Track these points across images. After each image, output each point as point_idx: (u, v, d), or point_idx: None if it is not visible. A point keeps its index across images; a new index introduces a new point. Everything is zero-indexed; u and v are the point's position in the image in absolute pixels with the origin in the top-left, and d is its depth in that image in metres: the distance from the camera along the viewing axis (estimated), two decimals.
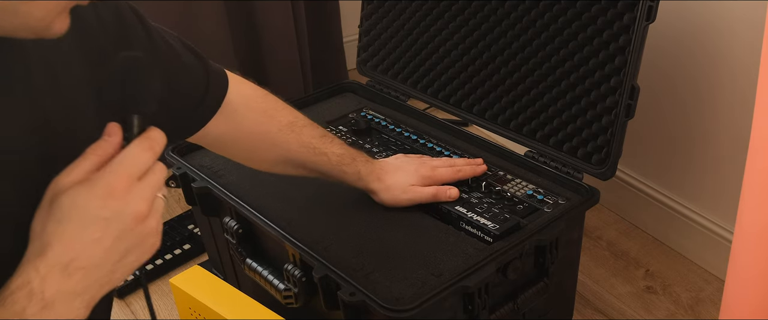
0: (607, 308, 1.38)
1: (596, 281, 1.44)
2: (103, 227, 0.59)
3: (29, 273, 0.57)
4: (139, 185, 0.61)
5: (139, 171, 0.61)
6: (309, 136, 1.04)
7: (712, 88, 1.31)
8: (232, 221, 1.15)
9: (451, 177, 1.12)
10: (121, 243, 0.60)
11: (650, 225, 1.55)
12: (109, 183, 0.59)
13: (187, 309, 1.07)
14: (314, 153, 1.04)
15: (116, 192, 0.59)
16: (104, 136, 0.62)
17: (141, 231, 0.61)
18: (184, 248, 1.56)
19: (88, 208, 0.58)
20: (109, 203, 0.59)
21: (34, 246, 0.58)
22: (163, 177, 0.63)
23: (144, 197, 0.61)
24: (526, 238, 1.01)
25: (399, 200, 1.09)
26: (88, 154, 0.61)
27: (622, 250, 1.52)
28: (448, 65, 1.36)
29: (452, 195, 1.10)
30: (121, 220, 0.59)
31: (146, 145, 0.62)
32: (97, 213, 0.58)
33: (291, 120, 1.03)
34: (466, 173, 1.14)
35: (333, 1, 2.00)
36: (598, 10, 1.11)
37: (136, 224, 0.60)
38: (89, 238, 0.58)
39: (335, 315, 0.98)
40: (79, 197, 0.58)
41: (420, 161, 1.14)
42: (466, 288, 0.94)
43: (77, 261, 0.58)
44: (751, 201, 0.84)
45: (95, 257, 0.59)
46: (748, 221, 0.85)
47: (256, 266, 1.13)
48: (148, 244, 0.63)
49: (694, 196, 1.44)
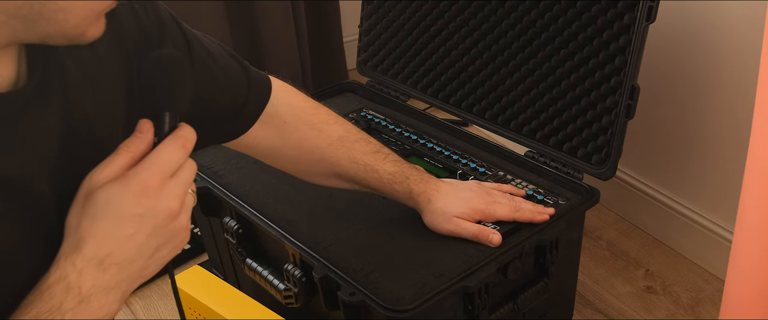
0: (607, 308, 1.38)
1: (596, 281, 1.44)
2: (136, 224, 0.60)
3: (66, 267, 0.58)
4: (171, 182, 0.62)
5: (172, 169, 0.62)
6: (360, 152, 1.01)
7: (712, 88, 1.31)
8: (232, 221, 1.15)
9: (507, 217, 1.04)
10: (154, 239, 0.62)
11: (650, 225, 1.55)
12: (143, 181, 0.60)
13: (187, 309, 1.08)
14: (365, 170, 1.01)
15: (150, 190, 0.60)
16: (136, 133, 0.63)
17: (173, 227, 0.62)
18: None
19: (122, 205, 0.60)
20: (142, 200, 0.60)
21: (69, 242, 0.60)
22: (193, 174, 0.65)
23: (176, 194, 0.62)
24: (526, 238, 1.01)
25: (440, 228, 1.03)
26: (121, 151, 0.62)
27: (622, 250, 1.52)
28: (448, 65, 1.36)
29: (494, 241, 1.00)
30: (154, 217, 0.61)
31: (179, 144, 0.63)
32: (132, 211, 0.60)
33: (342, 134, 1.00)
34: (526, 217, 1.04)
35: (333, 1, 2.00)
36: (598, 10, 1.11)
37: (168, 221, 0.62)
38: (123, 234, 0.60)
39: (335, 315, 0.98)
40: (114, 194, 0.60)
41: (483, 191, 1.06)
42: (466, 288, 0.94)
43: (112, 257, 0.59)
44: (751, 201, 0.84)
45: (129, 252, 0.60)
46: (748, 221, 0.85)
47: (256, 266, 1.13)
48: (179, 240, 0.64)
49: (694, 196, 1.44)
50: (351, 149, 1.00)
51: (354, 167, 1.00)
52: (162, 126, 0.64)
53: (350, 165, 1.00)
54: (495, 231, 1.01)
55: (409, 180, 1.03)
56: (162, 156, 0.62)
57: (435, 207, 1.02)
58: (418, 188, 1.03)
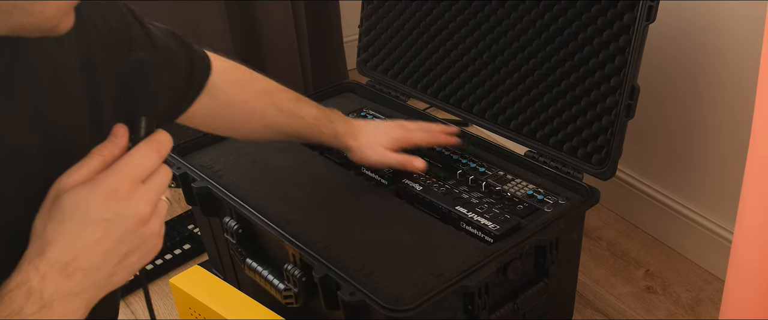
0: (607, 308, 1.38)
1: (596, 281, 1.44)
2: (104, 228, 0.58)
3: (28, 271, 0.57)
4: (142, 187, 0.60)
5: (144, 173, 0.60)
6: (283, 100, 1.06)
7: (712, 87, 1.31)
8: (232, 221, 1.15)
9: (425, 141, 1.17)
10: (123, 245, 0.60)
11: (650, 225, 1.55)
12: (112, 185, 0.58)
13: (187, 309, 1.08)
14: (290, 116, 1.06)
15: (119, 193, 0.58)
16: (110, 137, 0.61)
17: (143, 233, 0.60)
18: (184, 248, 1.56)
19: (90, 209, 0.58)
20: (111, 204, 0.58)
21: (34, 246, 0.58)
22: (167, 180, 0.63)
23: (147, 199, 0.60)
24: (526, 238, 1.01)
25: (369, 159, 1.12)
26: (93, 155, 0.60)
27: (622, 250, 1.52)
28: (448, 65, 1.36)
29: (418, 166, 1.12)
30: (123, 222, 0.59)
31: (153, 148, 0.61)
32: (99, 215, 0.58)
33: (264, 86, 1.05)
34: (441, 140, 1.18)
35: (333, 1, 2.00)
36: (598, 10, 1.11)
37: (138, 226, 0.60)
38: (90, 239, 0.58)
39: (335, 315, 0.98)
40: (81, 197, 0.58)
41: (397, 123, 1.18)
42: (466, 288, 0.94)
43: (77, 262, 0.57)
44: (751, 201, 0.84)
45: (96, 258, 0.58)
46: (748, 221, 0.85)
47: (256, 266, 1.13)
48: (150, 246, 0.62)
49: (694, 196, 1.44)
50: (274, 98, 1.05)
51: (280, 115, 1.05)
52: (137, 131, 0.62)
53: (276, 113, 1.05)
54: (418, 158, 1.12)
55: (333, 122, 1.10)
56: (134, 159, 0.60)
57: (360, 142, 1.11)
58: (342, 129, 1.11)
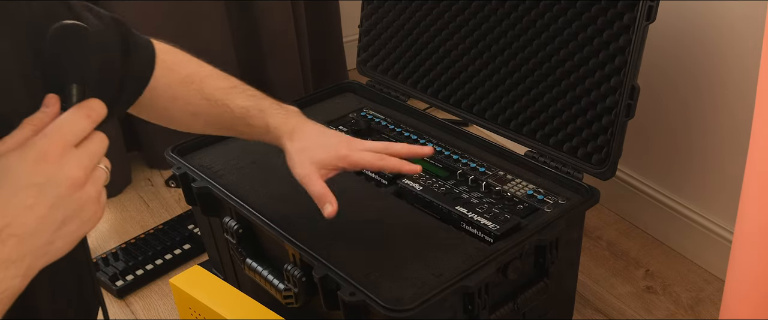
0: (607, 308, 1.38)
1: (596, 281, 1.44)
2: (36, 193, 0.57)
3: None
4: (74, 152, 0.59)
5: (76, 137, 0.59)
6: (211, 87, 0.98)
7: (713, 87, 1.31)
8: (232, 221, 1.15)
9: (371, 166, 1.00)
10: (58, 211, 0.58)
11: (650, 225, 1.55)
12: (42, 149, 0.57)
13: (187, 309, 1.08)
14: (216, 105, 0.98)
15: (49, 157, 0.57)
16: (42, 107, 0.61)
17: (78, 198, 0.59)
18: (184, 248, 1.56)
19: (20, 174, 0.57)
20: (41, 168, 0.57)
21: None
22: (102, 146, 0.61)
23: (80, 164, 0.59)
24: (526, 238, 1.01)
25: (292, 169, 0.98)
26: (24, 125, 0.60)
27: (622, 250, 1.52)
28: (448, 65, 1.36)
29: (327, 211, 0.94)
30: (54, 186, 0.58)
31: (83, 113, 0.60)
32: (30, 179, 0.57)
33: (192, 71, 0.98)
34: (392, 166, 0.99)
35: (333, 1, 2.00)
36: (598, 10, 1.11)
37: (71, 191, 0.58)
38: (21, 204, 0.57)
39: (335, 315, 0.98)
40: (11, 163, 0.57)
41: (346, 140, 1.01)
42: (466, 288, 0.94)
43: (10, 228, 0.56)
44: (751, 201, 0.84)
45: (29, 224, 0.57)
46: (748, 221, 0.85)
47: (256, 266, 1.13)
48: (89, 213, 0.60)
49: (694, 196, 1.44)
50: (201, 84, 0.97)
51: (205, 104, 0.98)
52: (69, 99, 0.62)
53: (200, 101, 0.97)
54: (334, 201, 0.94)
55: (265, 114, 0.98)
56: (64, 124, 0.59)
57: (297, 146, 0.98)
58: (275, 121, 0.98)
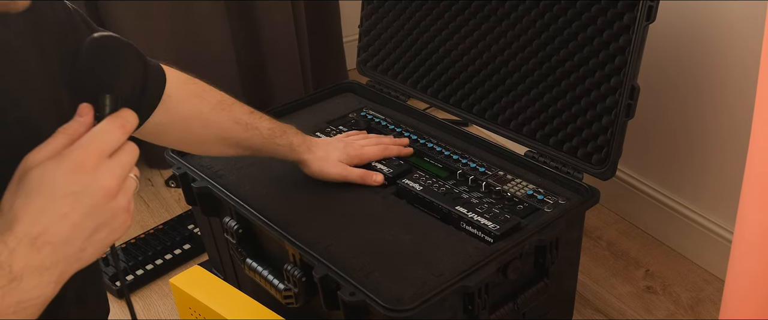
0: (607, 308, 1.38)
1: (596, 281, 1.44)
2: (71, 202, 0.58)
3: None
4: (108, 162, 0.60)
5: (110, 148, 0.61)
6: (239, 112, 1.07)
7: (713, 87, 1.31)
8: (232, 221, 1.15)
9: (379, 155, 1.20)
10: (90, 220, 0.60)
11: (650, 225, 1.55)
12: (78, 158, 0.59)
13: (187, 309, 1.08)
14: (246, 128, 1.07)
15: (85, 167, 0.59)
16: (76, 116, 0.62)
17: (111, 207, 0.60)
18: (184, 248, 1.56)
19: (56, 182, 0.58)
20: (77, 178, 0.59)
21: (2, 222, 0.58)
22: (134, 156, 0.63)
23: (114, 174, 0.60)
24: (526, 238, 1.01)
25: (328, 173, 1.14)
26: (58, 134, 0.61)
27: (622, 250, 1.52)
28: (448, 65, 1.36)
29: (378, 180, 1.15)
30: (89, 195, 0.59)
31: (118, 123, 0.62)
32: (66, 188, 0.58)
33: (220, 99, 1.06)
34: (393, 152, 1.21)
35: (333, 1, 2.00)
36: (598, 10, 1.11)
37: (105, 200, 0.60)
38: (57, 213, 0.58)
39: (335, 315, 0.98)
40: (48, 172, 0.58)
41: (347, 141, 1.21)
42: (466, 288, 0.94)
43: (45, 236, 0.58)
44: (751, 201, 0.84)
45: (63, 232, 0.58)
46: (748, 221, 0.85)
47: (256, 266, 1.13)
48: (119, 222, 0.62)
49: (694, 196, 1.44)
50: (231, 111, 1.06)
51: (236, 128, 1.06)
52: (103, 109, 0.63)
53: (233, 126, 1.06)
54: (377, 173, 1.16)
55: (287, 134, 1.12)
56: (98, 134, 0.61)
57: (317, 155, 1.14)
58: (297, 140, 1.13)
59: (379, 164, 1.20)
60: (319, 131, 1.33)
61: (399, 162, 1.21)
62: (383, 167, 1.19)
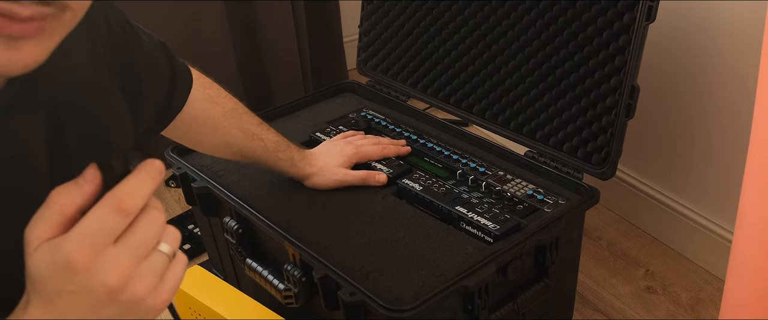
0: (607, 308, 1.38)
1: (596, 281, 1.44)
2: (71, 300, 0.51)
3: None
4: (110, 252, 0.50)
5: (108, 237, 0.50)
6: (247, 122, 1.09)
7: (712, 87, 1.31)
8: (232, 221, 1.15)
9: (377, 155, 1.21)
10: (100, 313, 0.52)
11: (650, 225, 1.55)
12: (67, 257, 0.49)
13: (187, 309, 1.08)
14: (252, 138, 1.09)
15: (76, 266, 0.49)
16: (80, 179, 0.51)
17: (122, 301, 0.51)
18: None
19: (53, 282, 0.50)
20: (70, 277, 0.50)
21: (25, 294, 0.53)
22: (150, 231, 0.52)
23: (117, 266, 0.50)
24: (526, 238, 1.01)
25: (328, 182, 1.15)
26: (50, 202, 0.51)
27: (622, 250, 1.52)
28: (448, 65, 1.36)
29: (380, 180, 1.16)
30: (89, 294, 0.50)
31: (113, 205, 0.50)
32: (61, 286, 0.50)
33: (232, 107, 1.08)
34: (391, 152, 1.22)
35: (333, 1, 2.00)
36: (598, 10, 1.11)
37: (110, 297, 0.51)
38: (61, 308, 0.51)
39: (335, 315, 0.98)
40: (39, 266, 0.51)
41: (344, 141, 1.22)
42: (466, 288, 0.94)
43: None
44: (751, 200, 0.84)
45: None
46: (748, 221, 0.85)
47: (256, 266, 1.13)
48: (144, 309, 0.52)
49: (694, 196, 1.44)
50: (240, 120, 1.08)
51: (242, 136, 1.08)
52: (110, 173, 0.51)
53: (240, 134, 1.08)
54: (380, 172, 1.17)
55: (290, 149, 1.14)
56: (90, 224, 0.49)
57: (318, 167, 1.16)
58: (299, 155, 1.15)
59: (379, 164, 1.20)
60: (319, 131, 1.33)
61: (399, 163, 1.21)
62: (383, 167, 1.19)
